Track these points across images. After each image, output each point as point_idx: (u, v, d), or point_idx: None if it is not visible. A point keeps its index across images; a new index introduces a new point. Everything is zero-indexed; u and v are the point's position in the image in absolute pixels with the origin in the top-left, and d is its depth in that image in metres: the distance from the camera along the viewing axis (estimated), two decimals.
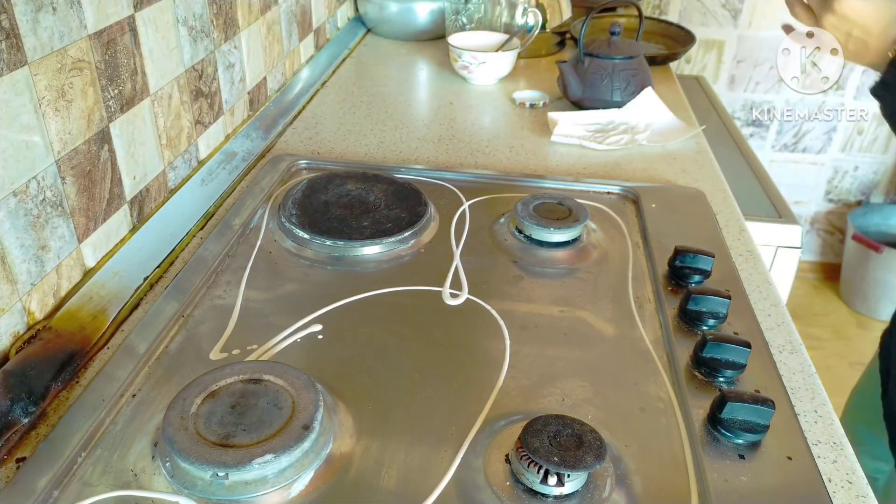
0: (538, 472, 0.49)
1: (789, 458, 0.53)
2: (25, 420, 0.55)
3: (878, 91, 0.75)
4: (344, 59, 1.39)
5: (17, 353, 0.56)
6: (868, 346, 1.68)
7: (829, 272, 2.46)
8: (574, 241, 0.79)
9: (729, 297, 0.66)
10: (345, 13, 1.49)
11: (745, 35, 2.11)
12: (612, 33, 1.14)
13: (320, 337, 0.65)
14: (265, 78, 1.06)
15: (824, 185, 2.37)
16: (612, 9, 1.54)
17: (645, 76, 1.15)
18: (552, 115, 1.11)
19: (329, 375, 0.60)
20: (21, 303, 0.57)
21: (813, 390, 0.61)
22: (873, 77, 0.74)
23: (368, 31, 1.55)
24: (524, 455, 0.49)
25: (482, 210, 0.86)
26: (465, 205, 0.87)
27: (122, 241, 0.71)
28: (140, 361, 0.60)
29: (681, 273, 0.71)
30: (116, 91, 0.68)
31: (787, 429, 0.56)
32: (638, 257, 0.78)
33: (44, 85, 0.57)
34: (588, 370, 0.62)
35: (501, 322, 0.67)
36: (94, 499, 0.49)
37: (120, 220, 0.71)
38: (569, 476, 0.49)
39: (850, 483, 0.53)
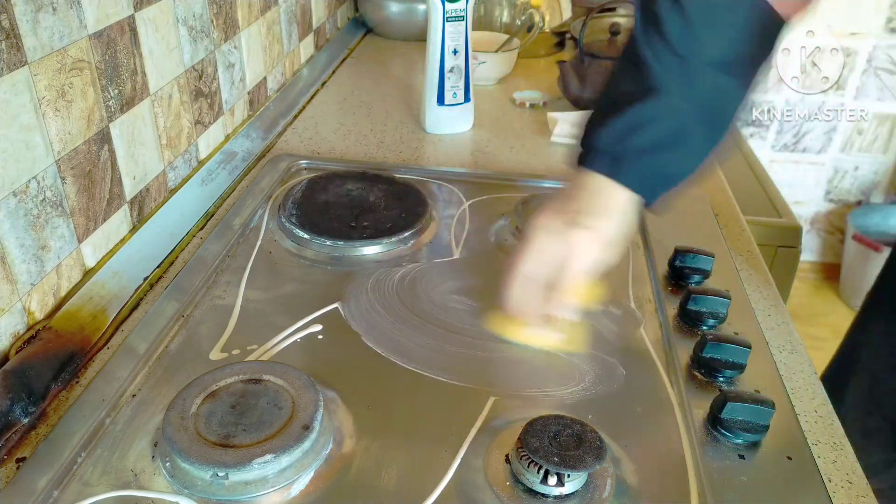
0: (538, 472, 0.49)
1: (789, 458, 0.53)
2: (25, 420, 0.55)
3: None
4: (344, 59, 1.39)
5: (17, 353, 0.56)
6: None
7: (829, 272, 2.46)
8: None
9: (729, 298, 0.66)
10: (345, 13, 1.49)
11: None
12: (612, 33, 1.14)
13: (320, 337, 0.65)
14: (265, 78, 1.06)
15: (824, 185, 2.38)
16: (612, 9, 1.53)
17: None
18: (552, 115, 1.11)
19: (329, 375, 0.60)
20: (21, 303, 0.57)
21: (813, 390, 0.61)
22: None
23: (368, 31, 1.55)
24: (524, 455, 0.49)
25: (482, 210, 0.86)
26: (465, 205, 0.87)
27: (122, 241, 0.71)
28: (140, 361, 0.60)
29: (681, 273, 0.71)
30: (116, 91, 0.68)
31: (787, 429, 0.56)
32: (638, 257, 0.78)
33: (44, 85, 0.57)
34: (588, 370, 0.62)
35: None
36: (94, 499, 0.49)
37: (120, 220, 0.71)
38: (569, 476, 0.49)
39: (850, 483, 0.53)
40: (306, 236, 0.77)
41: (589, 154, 0.58)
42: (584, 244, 0.56)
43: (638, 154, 0.56)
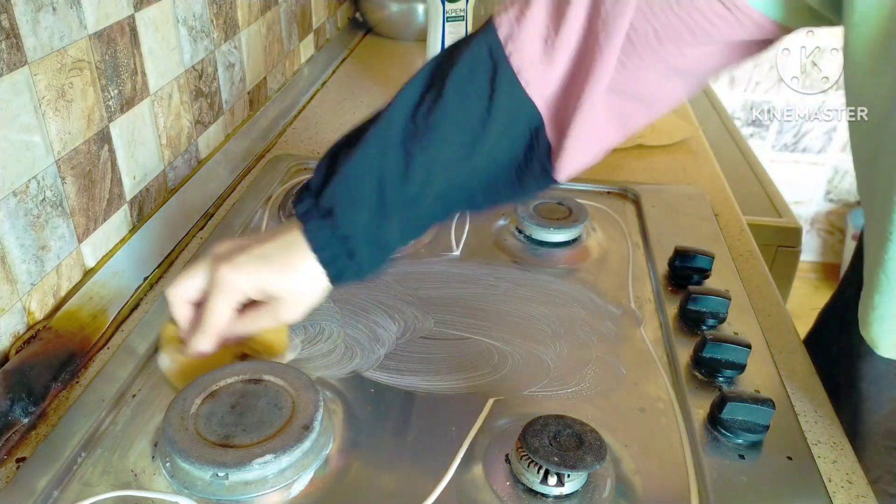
0: (538, 472, 0.49)
1: (789, 458, 0.53)
2: (25, 420, 0.55)
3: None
4: (344, 59, 1.39)
5: (17, 353, 0.56)
6: None
7: (829, 272, 2.46)
8: (574, 241, 0.79)
9: (729, 298, 0.66)
10: (344, 13, 1.49)
11: None
12: None
13: (320, 336, 0.65)
14: (265, 78, 1.06)
15: (824, 185, 2.38)
16: None
17: None
18: None
19: (329, 375, 0.60)
20: (21, 303, 0.57)
21: (813, 390, 0.61)
22: None
23: (368, 31, 1.55)
24: (524, 455, 0.49)
25: None
26: None
27: (122, 241, 0.71)
28: (140, 361, 0.60)
29: (681, 273, 0.71)
30: (116, 91, 0.68)
31: (787, 429, 0.56)
32: (638, 257, 0.78)
33: (44, 85, 0.57)
34: (588, 370, 0.62)
35: (502, 322, 0.67)
36: (94, 499, 0.49)
37: (120, 220, 0.71)
38: (569, 476, 0.49)
39: (851, 483, 0.53)
40: None
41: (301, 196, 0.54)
42: (224, 279, 0.51)
43: (324, 213, 0.51)
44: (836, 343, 0.65)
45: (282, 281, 0.52)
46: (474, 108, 0.51)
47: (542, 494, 0.49)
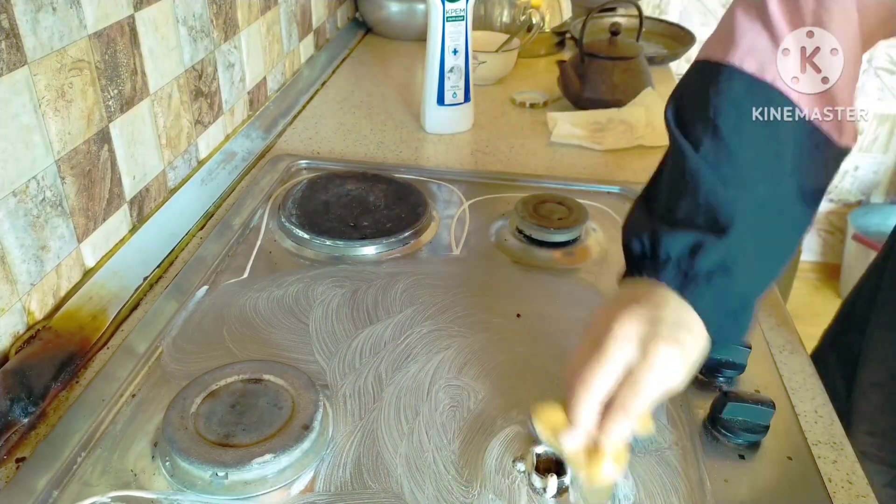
0: (538, 471, 0.49)
1: (789, 458, 0.53)
2: (25, 420, 0.55)
3: None
4: (344, 59, 1.39)
5: (16, 353, 0.56)
6: None
7: (829, 272, 2.46)
8: (574, 241, 0.79)
9: None
10: (344, 13, 1.49)
11: None
12: (612, 33, 1.14)
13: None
14: (265, 78, 1.06)
15: None
16: (612, 9, 1.53)
17: (645, 76, 1.15)
18: (552, 114, 1.11)
19: (329, 375, 0.60)
20: (21, 303, 0.57)
21: (813, 390, 0.61)
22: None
23: (368, 31, 1.55)
24: (524, 454, 0.49)
25: (482, 210, 0.86)
26: (465, 205, 0.87)
27: (122, 240, 0.71)
28: (140, 361, 0.60)
29: None
30: (116, 91, 0.68)
31: (788, 429, 0.56)
32: None
33: (43, 85, 0.57)
34: None
35: (502, 323, 0.67)
36: (94, 499, 0.49)
37: (120, 220, 0.71)
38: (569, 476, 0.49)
39: (851, 483, 0.53)
40: (306, 236, 0.77)
41: (656, 263, 0.51)
42: (666, 359, 0.46)
43: (707, 276, 0.49)
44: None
45: (699, 344, 0.48)
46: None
47: (542, 493, 0.49)
